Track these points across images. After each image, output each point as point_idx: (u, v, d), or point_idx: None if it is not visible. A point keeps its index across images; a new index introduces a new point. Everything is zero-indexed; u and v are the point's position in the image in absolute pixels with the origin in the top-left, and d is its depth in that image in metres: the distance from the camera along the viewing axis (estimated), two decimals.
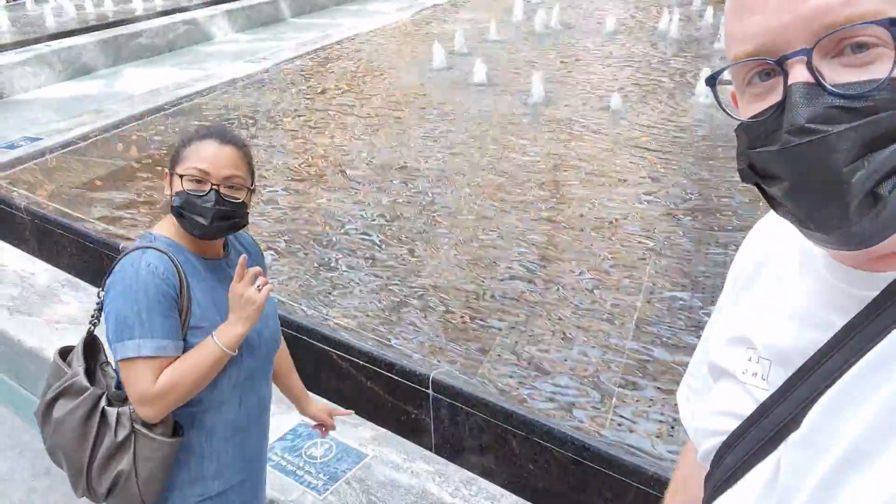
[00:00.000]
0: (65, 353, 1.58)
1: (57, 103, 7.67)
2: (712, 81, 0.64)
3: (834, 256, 0.64)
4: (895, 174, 0.52)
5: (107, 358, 1.59)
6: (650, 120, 5.39)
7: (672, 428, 2.28)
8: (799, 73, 0.53)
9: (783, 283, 0.71)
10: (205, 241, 1.52)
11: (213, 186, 1.46)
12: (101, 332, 1.56)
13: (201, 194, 1.45)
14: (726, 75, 0.64)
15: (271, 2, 12.21)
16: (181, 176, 1.47)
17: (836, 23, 0.52)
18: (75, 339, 1.60)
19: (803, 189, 0.54)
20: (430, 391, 2.51)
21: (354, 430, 2.46)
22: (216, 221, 1.46)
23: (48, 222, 4.03)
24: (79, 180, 4.62)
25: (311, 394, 1.90)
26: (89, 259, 3.80)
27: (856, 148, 0.51)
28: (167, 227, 1.53)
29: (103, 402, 1.47)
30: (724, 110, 0.66)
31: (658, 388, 2.48)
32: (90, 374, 1.53)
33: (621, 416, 2.35)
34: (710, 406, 0.76)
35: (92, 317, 1.59)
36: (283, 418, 2.42)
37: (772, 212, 0.74)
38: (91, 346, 1.59)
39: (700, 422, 0.79)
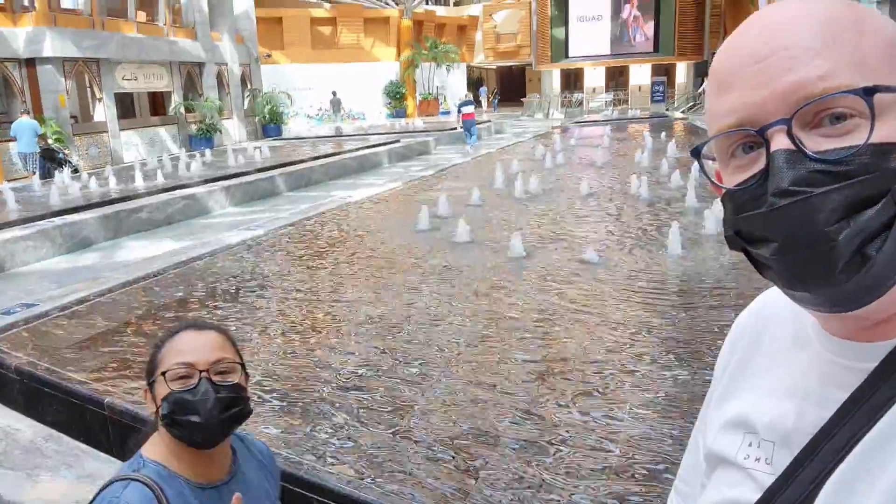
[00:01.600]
0: None
1: (55, 274, 7.92)
2: (696, 153, 0.66)
3: (827, 329, 0.65)
4: (879, 235, 0.53)
5: None
6: (626, 271, 5.63)
7: None
8: (780, 142, 0.56)
9: (777, 362, 0.71)
10: (206, 451, 1.34)
11: (202, 375, 1.31)
12: None
13: (191, 388, 1.30)
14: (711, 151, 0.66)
15: (268, 178, 12.97)
16: (164, 375, 1.31)
17: (814, 95, 0.55)
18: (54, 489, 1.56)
19: (790, 249, 0.55)
20: None
21: None
22: (215, 415, 1.28)
23: (36, 381, 4.07)
24: (71, 341, 4.70)
25: None
26: (74, 414, 3.80)
27: (839, 209, 0.53)
28: (158, 449, 1.36)
29: None
30: (709, 179, 0.67)
31: None
32: None
33: None
34: (711, 497, 0.73)
35: None
36: None
37: (756, 300, 0.80)
38: None
39: None
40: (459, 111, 20.59)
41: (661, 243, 6.34)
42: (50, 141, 14.84)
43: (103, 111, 17.79)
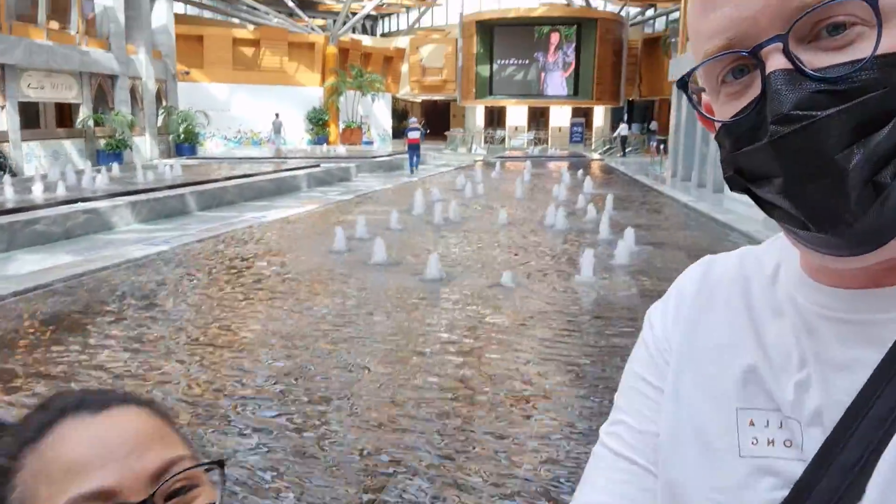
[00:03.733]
0: None
1: None
2: (683, 84, 0.59)
3: (833, 281, 0.56)
4: (893, 160, 0.47)
5: None
6: (540, 295, 5.65)
7: None
8: (776, 61, 0.49)
9: (760, 329, 0.60)
10: None
11: None
12: None
13: None
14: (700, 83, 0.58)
15: (177, 195, 12.47)
16: None
17: (809, 4, 0.48)
18: None
19: (797, 183, 0.49)
20: None
21: None
22: None
23: None
24: None
25: None
26: None
27: (848, 132, 0.47)
28: None
29: None
30: (699, 112, 0.60)
31: None
32: None
33: None
34: (710, 483, 0.59)
35: None
36: None
37: (692, 268, 0.69)
38: None
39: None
40: (406, 134, 21.18)
41: (575, 270, 6.42)
42: None
43: (5, 119, 16.77)
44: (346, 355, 4.21)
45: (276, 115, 30.78)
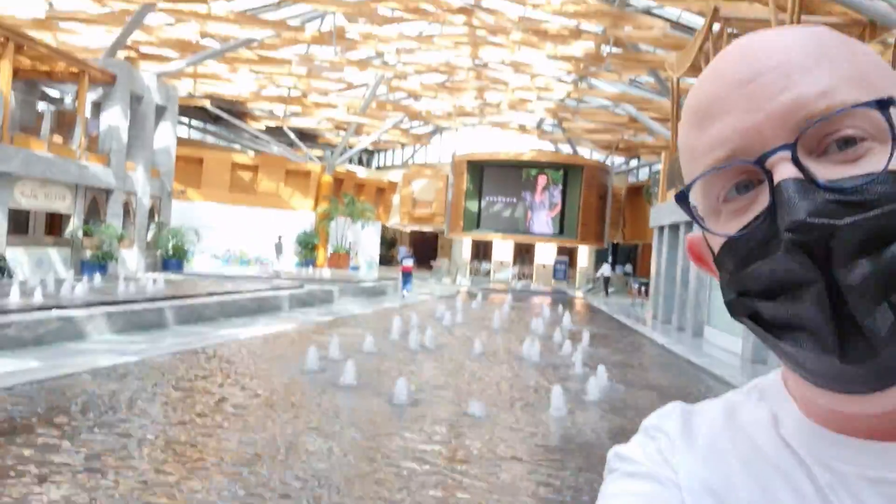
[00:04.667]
0: None
1: None
2: (682, 198, 0.52)
3: (850, 429, 0.51)
4: None
5: None
6: (509, 426, 5.55)
7: None
8: (785, 170, 0.46)
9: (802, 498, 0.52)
10: None
11: None
12: None
13: None
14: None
15: (155, 309, 12.42)
16: None
17: (816, 114, 0.46)
18: None
19: (819, 295, 0.44)
20: None
21: None
22: None
23: None
24: None
25: None
26: None
27: (867, 243, 0.43)
28: None
29: None
30: (701, 226, 0.53)
31: None
32: None
33: None
34: None
35: None
36: None
37: (705, 405, 0.61)
38: None
39: None
40: (401, 261, 23.74)
41: (546, 404, 6.34)
42: None
43: None
44: (309, 475, 4.06)
45: (279, 237, 31.82)
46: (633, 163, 40.70)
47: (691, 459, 0.57)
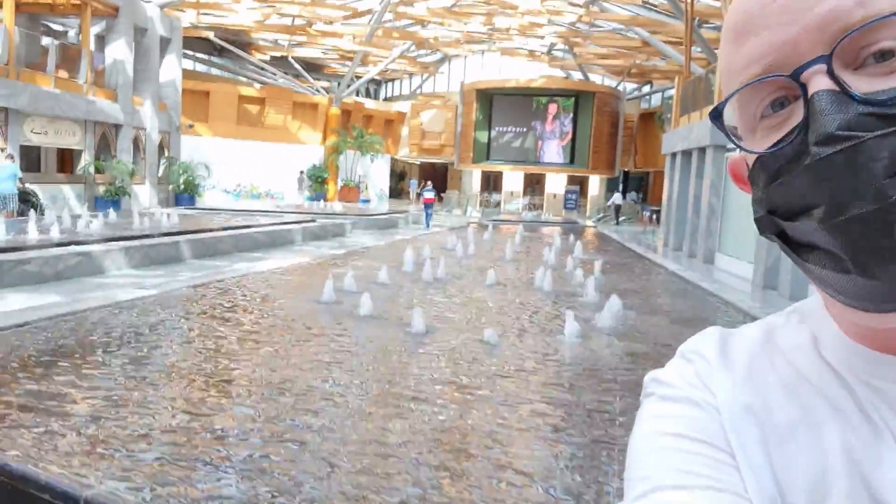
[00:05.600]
0: None
1: None
2: (717, 115, 0.53)
3: (888, 346, 0.51)
4: None
5: None
6: (522, 353, 5.68)
7: None
8: (820, 83, 0.45)
9: (844, 414, 0.51)
10: None
11: None
12: None
13: None
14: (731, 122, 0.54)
15: (171, 243, 12.56)
16: None
17: (852, 25, 0.45)
18: None
19: (842, 210, 0.43)
20: None
21: None
22: None
23: None
24: None
25: None
26: None
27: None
28: None
29: None
30: (734, 142, 0.53)
31: None
32: None
33: None
34: None
35: None
36: None
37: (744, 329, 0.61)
38: None
39: None
40: (420, 195, 26.29)
41: (559, 331, 6.47)
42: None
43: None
44: (329, 404, 4.22)
45: (301, 171, 32.09)
46: (646, 89, 39.85)
47: (729, 381, 0.56)
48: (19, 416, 3.66)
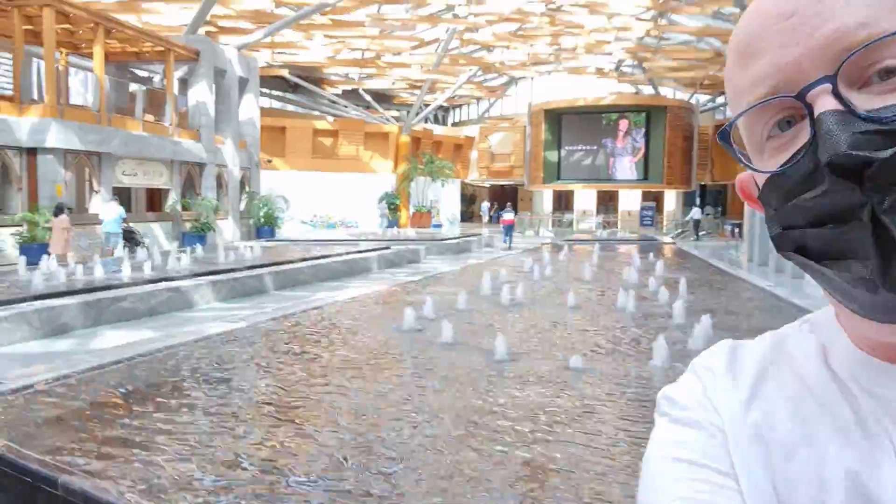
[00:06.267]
0: None
1: (26, 357, 7.69)
2: (724, 136, 0.54)
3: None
4: None
5: None
6: (611, 380, 5.52)
7: None
8: (826, 103, 0.46)
9: (845, 428, 0.52)
10: None
11: None
12: None
13: None
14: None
15: (256, 276, 12.95)
16: None
17: (856, 44, 0.46)
18: None
19: (860, 226, 0.44)
20: None
21: None
22: None
23: None
24: (32, 419, 4.49)
25: None
26: (27, 493, 3.56)
27: None
28: None
29: None
30: (743, 163, 0.55)
31: None
32: None
33: None
34: None
35: None
36: None
37: (755, 342, 0.63)
38: None
39: None
40: (499, 217, 28.59)
41: (648, 355, 6.26)
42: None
43: (99, 204, 18.01)
44: (415, 434, 4.19)
45: (381, 201, 33.31)
46: (720, 100, 38.74)
47: (734, 398, 0.58)
48: (121, 451, 3.79)
